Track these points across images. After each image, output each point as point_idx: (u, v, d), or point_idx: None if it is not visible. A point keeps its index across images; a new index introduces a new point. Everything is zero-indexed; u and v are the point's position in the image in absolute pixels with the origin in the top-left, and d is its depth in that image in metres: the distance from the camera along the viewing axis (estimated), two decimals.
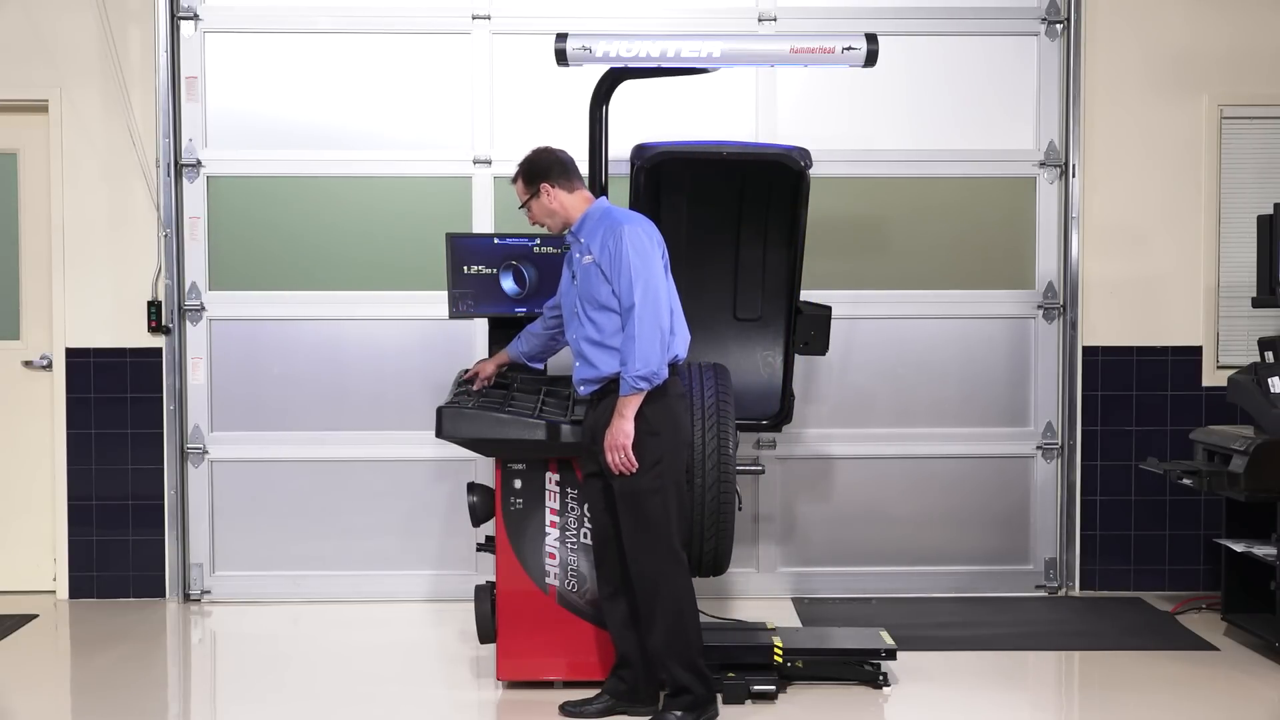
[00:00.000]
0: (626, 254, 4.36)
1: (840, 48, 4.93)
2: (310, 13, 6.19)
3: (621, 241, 4.37)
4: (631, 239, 4.38)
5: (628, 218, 4.50)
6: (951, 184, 6.27)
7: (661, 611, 4.42)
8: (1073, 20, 6.19)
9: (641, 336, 4.31)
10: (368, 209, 6.21)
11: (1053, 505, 6.36)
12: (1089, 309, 6.27)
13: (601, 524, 4.57)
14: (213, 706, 5.10)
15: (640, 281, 4.34)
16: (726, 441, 4.68)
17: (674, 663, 4.44)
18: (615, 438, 4.34)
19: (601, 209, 4.56)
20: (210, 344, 6.23)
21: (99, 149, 6.18)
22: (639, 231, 4.43)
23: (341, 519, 6.26)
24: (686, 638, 4.45)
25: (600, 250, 4.43)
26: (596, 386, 4.48)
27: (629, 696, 4.60)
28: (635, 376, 4.31)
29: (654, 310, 4.35)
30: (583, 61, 4.96)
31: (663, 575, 4.42)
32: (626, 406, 4.34)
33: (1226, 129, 6.27)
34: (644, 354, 4.30)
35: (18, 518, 6.31)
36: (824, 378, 6.26)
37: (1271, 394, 5.23)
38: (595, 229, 4.49)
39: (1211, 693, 4.98)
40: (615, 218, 4.49)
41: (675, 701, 4.46)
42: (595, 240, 4.46)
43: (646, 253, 4.40)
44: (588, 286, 4.47)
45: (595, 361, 4.46)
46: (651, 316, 4.34)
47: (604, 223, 4.48)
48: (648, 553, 4.41)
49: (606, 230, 4.44)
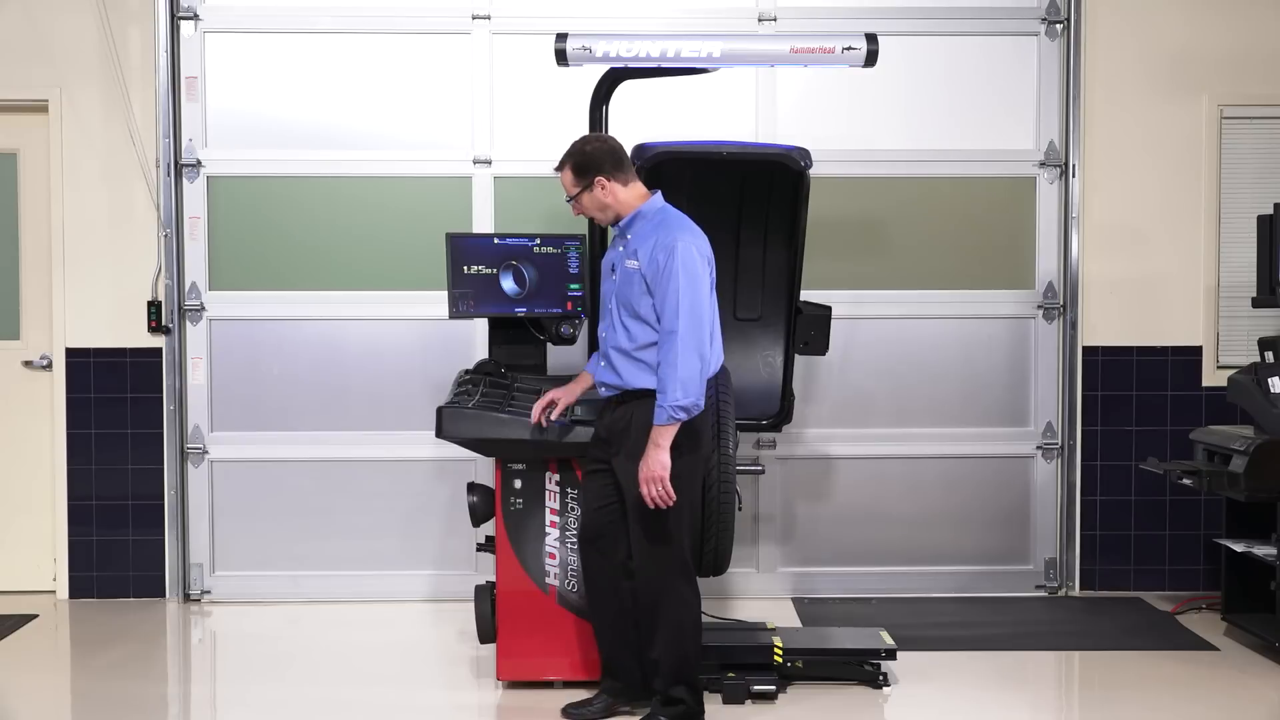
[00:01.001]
0: (676, 274, 4.18)
1: (840, 48, 4.93)
2: (310, 13, 6.19)
3: (673, 258, 4.19)
4: (684, 257, 4.20)
5: (682, 227, 4.31)
6: (951, 184, 6.27)
7: (663, 623, 4.39)
8: (1073, 20, 6.19)
9: (683, 365, 4.16)
10: (368, 209, 6.21)
11: (1053, 505, 6.36)
12: (1089, 309, 6.27)
13: (595, 522, 4.52)
14: (213, 707, 5.10)
15: (686, 305, 4.18)
16: (726, 441, 4.68)
17: (669, 675, 4.41)
18: (653, 470, 4.20)
19: (656, 209, 4.38)
20: (210, 344, 6.23)
21: (99, 149, 6.18)
22: (692, 249, 4.24)
23: (341, 519, 6.26)
24: (685, 652, 4.41)
25: (648, 261, 4.25)
26: (616, 393, 4.40)
27: (626, 694, 4.59)
28: (675, 407, 4.17)
29: (697, 337, 4.19)
30: (583, 61, 4.96)
31: (667, 589, 4.39)
32: (663, 437, 4.19)
33: (1226, 129, 6.27)
34: (685, 384, 4.16)
35: (18, 518, 6.31)
36: (824, 378, 6.26)
37: (1271, 394, 5.23)
38: (647, 233, 4.31)
39: (1211, 693, 4.98)
40: (670, 225, 4.31)
41: (666, 710, 4.44)
42: (645, 246, 4.28)
43: (696, 274, 4.22)
44: (628, 292, 4.32)
45: (621, 371, 4.35)
46: (694, 344, 4.18)
47: (658, 230, 4.29)
48: (656, 564, 4.38)
49: (659, 241, 4.25)
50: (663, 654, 4.39)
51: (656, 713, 4.44)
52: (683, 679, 4.42)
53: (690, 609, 4.43)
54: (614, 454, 4.41)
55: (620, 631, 4.53)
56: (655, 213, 4.38)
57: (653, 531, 4.36)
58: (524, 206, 6.18)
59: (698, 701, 4.47)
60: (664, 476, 4.21)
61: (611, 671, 4.61)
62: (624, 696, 4.60)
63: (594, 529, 4.53)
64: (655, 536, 4.36)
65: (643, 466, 4.24)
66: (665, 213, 4.39)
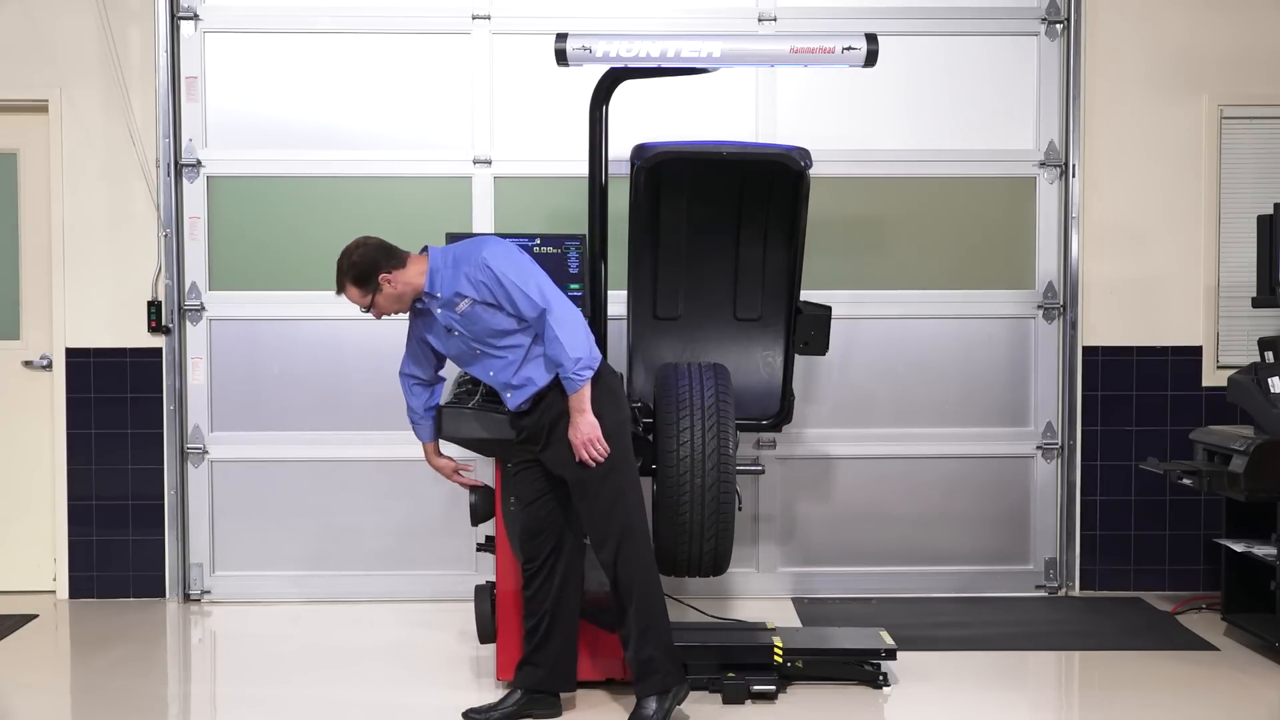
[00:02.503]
0: (504, 272, 4.36)
1: (840, 48, 4.93)
2: (310, 13, 6.19)
3: (491, 267, 4.36)
4: (495, 259, 4.38)
5: (475, 246, 4.47)
6: (951, 184, 6.27)
7: (633, 593, 4.43)
8: (1073, 20, 6.19)
9: (564, 332, 4.32)
10: (368, 209, 6.21)
11: (1053, 505, 6.36)
12: (1089, 309, 6.27)
13: (534, 515, 4.55)
14: (213, 707, 5.10)
15: (532, 285, 4.36)
16: (726, 441, 4.68)
17: (647, 640, 4.44)
18: (586, 433, 4.36)
19: (441, 259, 4.49)
20: (210, 344, 6.23)
21: (99, 149, 6.18)
22: (496, 248, 4.43)
23: (341, 519, 6.26)
24: (654, 613, 4.46)
25: (475, 288, 4.39)
26: (533, 399, 4.49)
27: (544, 683, 4.59)
28: (578, 369, 4.33)
29: (561, 302, 4.38)
30: (583, 61, 4.96)
31: (624, 554, 4.43)
32: (581, 400, 4.37)
33: (1226, 129, 6.27)
34: (574, 345, 4.32)
35: (18, 518, 6.31)
36: (824, 378, 6.26)
37: (1271, 394, 5.23)
38: (452, 276, 4.43)
39: (1211, 693, 4.97)
40: (463, 253, 4.46)
41: (645, 686, 4.45)
42: (460, 284, 4.41)
43: (516, 259, 4.42)
44: (480, 327, 4.44)
45: (526, 380, 4.46)
46: (562, 309, 4.37)
47: (458, 266, 4.43)
48: (611, 534, 4.43)
49: (469, 270, 4.39)
50: (636, 617, 4.44)
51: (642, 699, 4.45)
52: (657, 640, 4.45)
53: (651, 570, 4.50)
54: (541, 449, 4.49)
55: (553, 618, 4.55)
56: (443, 260, 4.49)
57: (601, 504, 4.42)
58: (524, 206, 6.18)
59: (676, 665, 4.50)
60: (596, 436, 4.36)
61: (533, 661, 4.61)
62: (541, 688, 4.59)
63: (532, 520, 4.57)
64: (605, 509, 4.42)
65: (573, 434, 4.38)
66: (448, 252, 4.52)
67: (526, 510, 4.59)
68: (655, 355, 5.40)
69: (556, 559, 4.57)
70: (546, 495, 4.56)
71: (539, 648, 4.60)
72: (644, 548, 4.49)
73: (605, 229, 5.06)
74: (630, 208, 5.09)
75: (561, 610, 4.59)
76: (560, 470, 4.49)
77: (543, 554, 4.57)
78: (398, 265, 4.49)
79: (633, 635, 4.46)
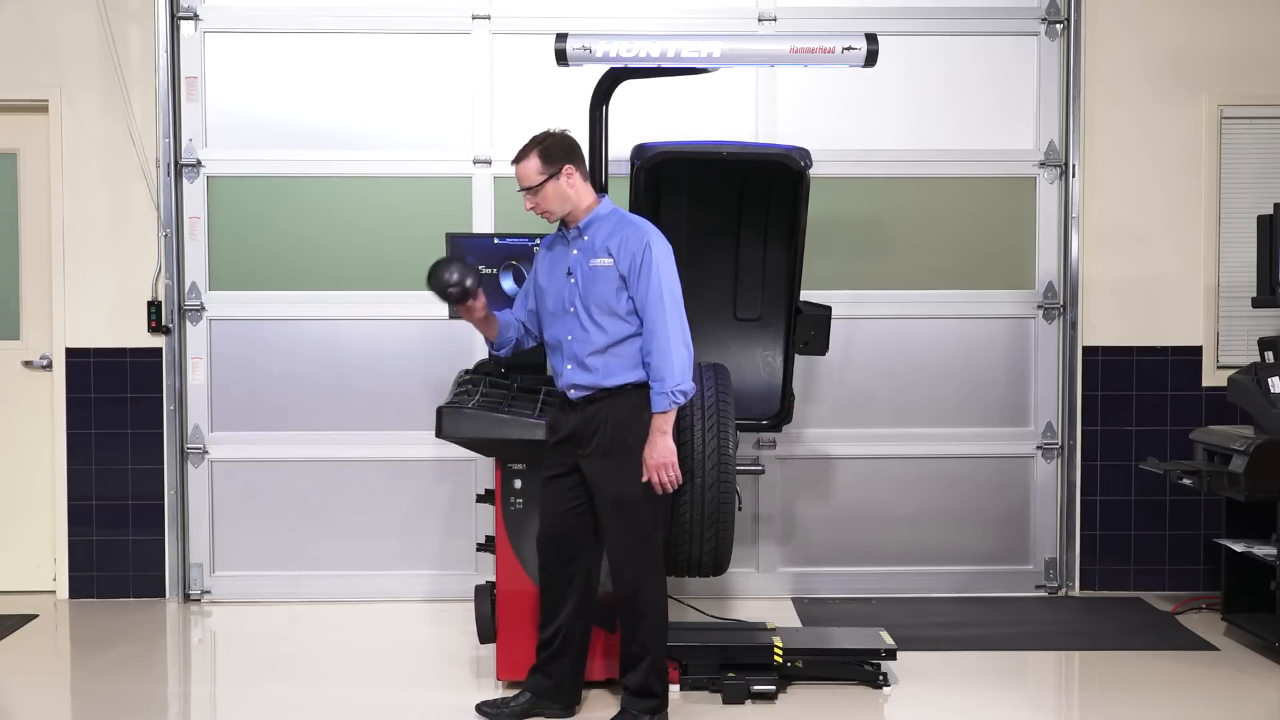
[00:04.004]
0: (656, 266, 4.32)
1: (840, 48, 4.93)
2: (310, 13, 6.19)
3: (651, 252, 4.32)
4: (660, 251, 4.35)
5: (647, 225, 4.44)
6: (951, 184, 6.27)
7: (646, 618, 4.44)
8: (1073, 20, 6.19)
9: (675, 351, 4.28)
10: (367, 209, 6.21)
11: (1053, 505, 6.36)
12: (1089, 309, 6.27)
13: (560, 525, 4.49)
14: (213, 707, 5.10)
15: (669, 295, 4.33)
16: (726, 441, 4.68)
17: (650, 666, 4.46)
18: (663, 457, 4.32)
19: (610, 209, 4.49)
20: (210, 344, 6.23)
21: (99, 149, 6.18)
22: (664, 244, 4.40)
23: (341, 519, 6.26)
24: (661, 643, 4.50)
25: (623, 257, 4.34)
26: (590, 393, 4.42)
27: (552, 695, 4.59)
28: (676, 391, 4.28)
29: (682, 324, 4.35)
30: (583, 61, 4.96)
31: (645, 582, 4.44)
32: (666, 423, 4.32)
33: (1226, 129, 6.27)
34: (680, 369, 4.28)
35: (18, 518, 6.31)
36: (824, 378, 6.26)
37: (1271, 394, 5.23)
38: (612, 231, 4.40)
39: (1211, 693, 4.98)
40: (634, 223, 4.43)
41: (638, 703, 4.47)
42: (614, 243, 4.36)
43: (671, 267, 4.39)
44: (599, 290, 4.37)
45: (596, 369, 4.37)
46: (681, 331, 4.33)
47: (623, 228, 4.39)
48: (635, 560, 4.43)
49: (628, 236, 4.36)
50: (647, 643, 4.44)
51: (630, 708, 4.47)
52: (659, 669, 4.49)
53: (663, 600, 4.52)
54: (584, 454, 4.43)
55: (569, 632, 4.54)
56: (611, 213, 4.48)
57: (633, 528, 4.40)
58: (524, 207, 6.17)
59: (665, 692, 4.53)
60: (673, 462, 4.32)
61: (546, 672, 4.60)
62: (549, 698, 4.59)
63: (558, 530, 4.51)
64: (636, 533, 4.41)
65: (650, 454, 4.33)
66: (622, 213, 4.51)
67: (560, 518, 4.50)
68: None
69: (577, 574, 4.53)
70: (579, 506, 4.48)
71: (552, 660, 4.58)
72: (663, 581, 4.50)
73: None
74: (630, 208, 5.08)
75: (578, 626, 4.56)
76: (600, 480, 4.41)
77: (565, 565, 4.52)
78: (583, 173, 4.47)
79: (636, 661, 4.47)
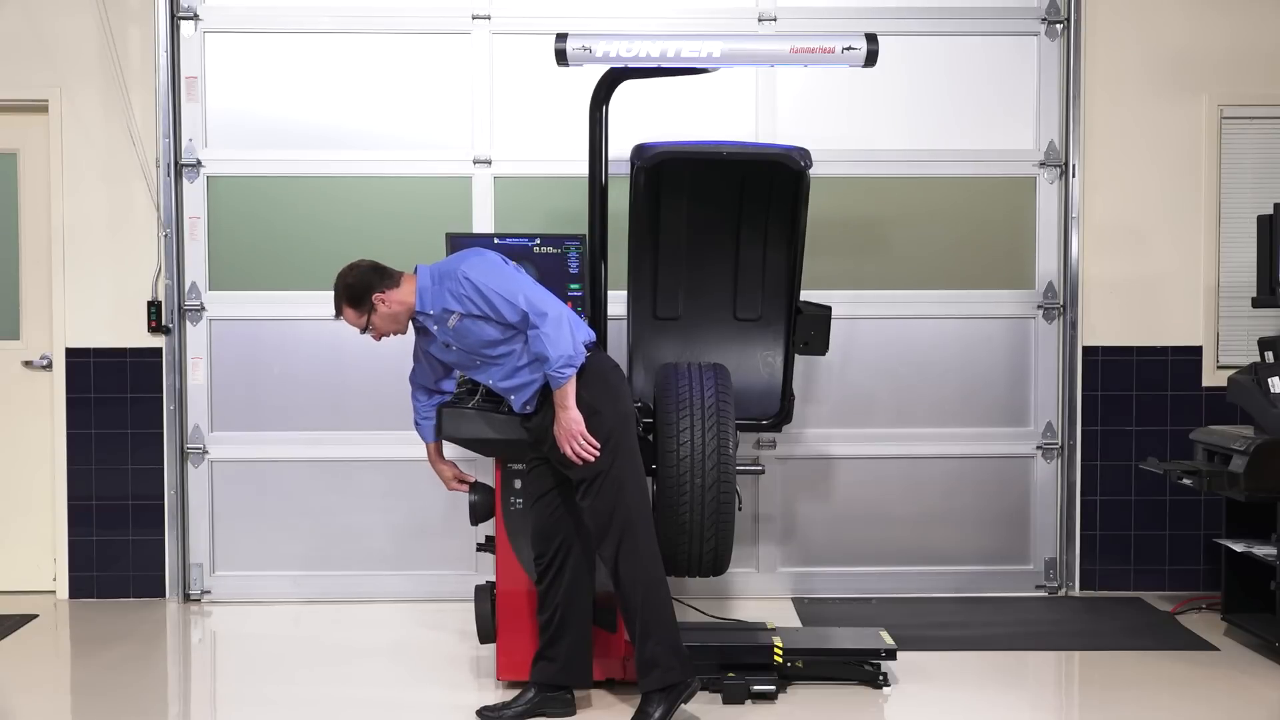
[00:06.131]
0: (484, 284, 4.42)
1: (840, 48, 4.93)
2: (310, 13, 6.19)
3: (470, 279, 4.42)
4: (479, 272, 4.44)
5: (456, 260, 4.55)
6: (951, 184, 6.27)
7: (639, 592, 4.42)
8: (1073, 20, 6.19)
9: (548, 331, 4.36)
10: (368, 209, 6.21)
11: (1053, 505, 6.36)
12: (1089, 309, 6.27)
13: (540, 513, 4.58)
14: (213, 707, 5.10)
15: (513, 292, 4.42)
16: (726, 441, 4.68)
17: (649, 637, 4.42)
18: (569, 428, 4.40)
19: (428, 276, 4.55)
20: (210, 344, 6.23)
21: (99, 149, 6.19)
22: (473, 260, 4.51)
23: (341, 519, 6.26)
24: (657, 609, 4.44)
25: (459, 302, 4.46)
26: (534, 399, 4.54)
27: (560, 676, 4.60)
28: (558, 367, 4.37)
29: (544, 301, 4.42)
30: (583, 61, 4.95)
31: (626, 551, 4.42)
32: (564, 397, 4.40)
33: (1226, 129, 6.27)
34: (556, 343, 4.35)
35: (18, 518, 6.31)
36: (824, 378, 6.26)
37: (1271, 394, 5.23)
38: (439, 294, 4.50)
39: (1211, 693, 4.98)
40: (446, 269, 4.53)
41: (645, 682, 4.43)
42: (446, 300, 4.48)
43: (494, 268, 4.49)
44: (474, 339, 4.49)
45: (523, 382, 4.52)
46: (546, 306, 4.40)
47: (444, 283, 4.49)
48: (612, 531, 4.43)
49: (451, 287, 4.46)
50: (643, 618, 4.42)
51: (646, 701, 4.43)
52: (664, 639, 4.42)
53: (655, 567, 4.47)
54: (548, 449, 4.52)
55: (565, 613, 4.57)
56: (429, 282, 4.55)
57: (602, 500, 4.42)
58: (524, 206, 6.19)
59: (682, 665, 4.46)
60: (580, 430, 4.39)
61: (548, 656, 4.61)
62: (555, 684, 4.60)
63: (545, 519, 4.59)
64: (605, 504, 4.42)
65: (557, 429, 4.41)
66: (434, 270, 4.58)
67: (536, 506, 4.62)
68: (655, 355, 5.40)
69: (567, 555, 4.59)
70: (554, 491, 4.58)
71: (553, 642, 4.61)
72: (647, 544, 4.47)
73: (605, 229, 5.05)
74: (630, 208, 5.10)
75: (574, 604, 4.60)
76: (564, 468, 4.50)
77: (553, 549, 4.59)
78: (391, 285, 4.55)
79: (636, 633, 4.46)
